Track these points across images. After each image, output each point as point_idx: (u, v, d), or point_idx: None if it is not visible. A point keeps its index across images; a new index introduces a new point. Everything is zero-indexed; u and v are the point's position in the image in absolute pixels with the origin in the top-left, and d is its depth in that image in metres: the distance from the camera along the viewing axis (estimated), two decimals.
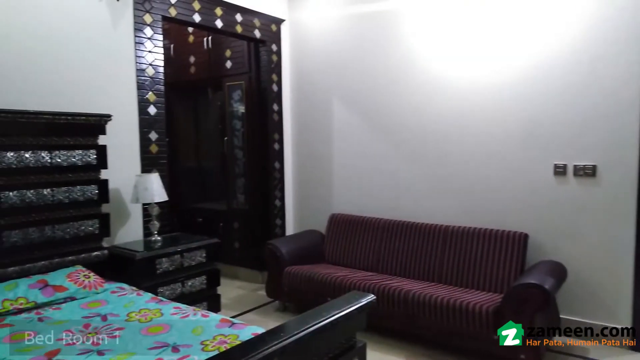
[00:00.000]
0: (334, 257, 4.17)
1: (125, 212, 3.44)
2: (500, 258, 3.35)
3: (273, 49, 4.62)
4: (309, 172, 4.77)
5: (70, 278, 2.72)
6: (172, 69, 4.96)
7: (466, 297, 3.11)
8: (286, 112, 4.80)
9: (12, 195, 2.71)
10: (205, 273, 3.44)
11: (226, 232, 4.95)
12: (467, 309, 2.93)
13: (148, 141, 3.56)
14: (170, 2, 3.65)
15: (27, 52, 2.88)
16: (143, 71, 3.49)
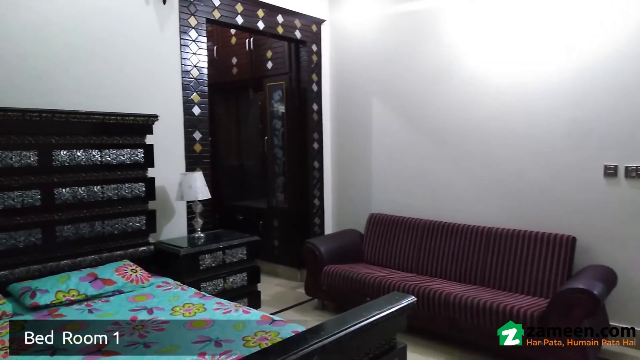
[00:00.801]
0: (372, 257, 4.15)
1: (170, 209, 3.55)
2: (546, 261, 3.24)
3: (313, 49, 4.64)
4: (348, 172, 4.77)
5: (119, 272, 2.83)
6: (215, 70, 5.07)
7: (510, 301, 3.02)
8: (325, 111, 4.82)
9: (65, 191, 2.86)
10: (246, 270, 3.50)
11: (266, 230, 5.02)
12: (511, 313, 2.85)
13: (192, 140, 3.66)
14: (214, 4, 3.73)
15: (77, 53, 3.02)
16: (188, 73, 3.59)
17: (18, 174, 2.66)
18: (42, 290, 2.51)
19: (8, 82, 2.73)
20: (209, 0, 3.70)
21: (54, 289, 2.55)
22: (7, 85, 2.72)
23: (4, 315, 2.32)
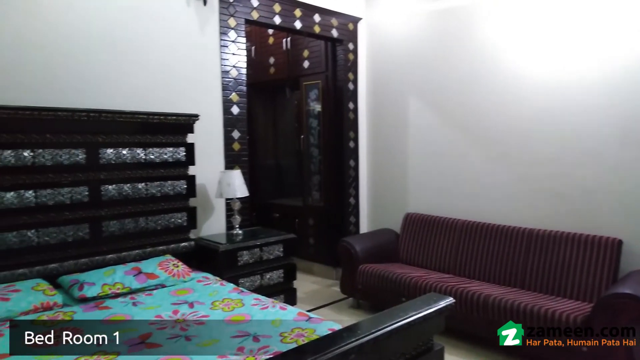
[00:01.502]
0: (408, 257, 4.12)
1: (209, 206, 3.64)
2: (590, 265, 3.13)
3: (350, 48, 4.64)
4: (384, 171, 4.74)
5: (161, 266, 2.92)
6: (253, 70, 5.15)
7: (551, 304, 2.93)
8: (361, 110, 4.81)
9: (111, 188, 2.98)
10: (283, 267, 3.55)
11: (301, 228, 5.06)
12: (553, 317, 2.77)
13: (231, 139, 3.73)
14: (252, 5, 3.79)
15: (121, 55, 3.13)
16: (227, 73, 3.67)
17: (67, 171, 2.79)
18: (90, 283, 2.62)
19: (58, 83, 2.87)
20: (247, 1, 3.76)
21: (100, 282, 2.66)
22: (57, 86, 2.86)
23: (55, 305, 2.44)
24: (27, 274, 2.66)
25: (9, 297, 2.35)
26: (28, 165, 2.64)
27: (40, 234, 2.70)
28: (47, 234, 2.73)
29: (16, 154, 2.60)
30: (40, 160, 2.68)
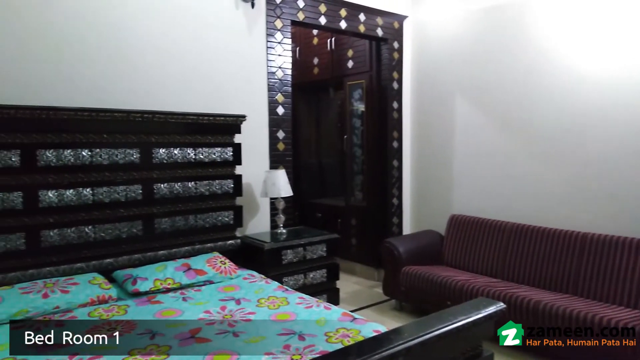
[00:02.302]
0: (453, 260, 4.04)
1: (255, 205, 3.71)
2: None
3: (395, 47, 4.60)
4: (428, 171, 4.67)
5: (209, 263, 3.00)
6: (297, 71, 5.19)
7: (606, 312, 2.80)
8: (406, 110, 4.76)
9: (163, 187, 3.08)
10: (326, 267, 3.56)
11: (344, 228, 5.06)
12: (609, 325, 2.64)
13: (276, 139, 3.78)
14: (298, 6, 3.83)
15: (170, 57, 3.23)
16: (273, 74, 3.72)
17: (122, 170, 2.92)
18: (142, 278, 2.73)
19: (112, 85, 2.99)
20: (293, 3, 3.80)
21: (152, 277, 2.76)
22: (112, 88, 2.99)
23: (110, 299, 2.56)
24: (84, 268, 2.79)
25: (68, 290, 2.48)
26: (86, 164, 2.78)
27: (96, 230, 2.84)
28: (103, 230, 2.86)
29: (75, 153, 2.74)
30: (97, 159, 2.81)
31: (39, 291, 2.41)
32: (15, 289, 2.42)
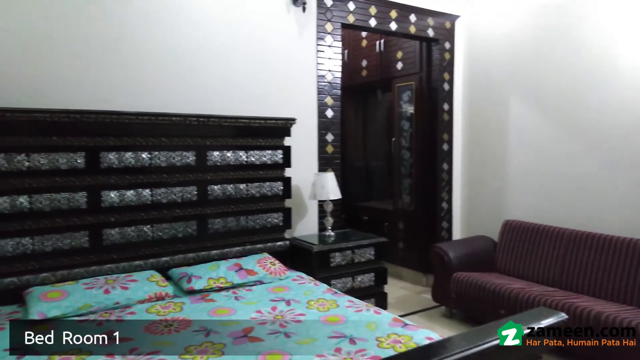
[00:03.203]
0: (507, 267, 3.91)
1: (303, 207, 3.74)
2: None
3: (446, 47, 4.51)
4: (480, 175, 4.55)
5: (260, 264, 3.05)
6: (345, 73, 5.19)
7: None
8: (457, 111, 4.66)
9: (217, 188, 3.17)
10: (374, 270, 3.54)
11: (391, 232, 5.00)
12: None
13: (325, 142, 3.80)
14: (348, 9, 3.83)
15: (223, 62, 3.30)
16: (323, 77, 3.74)
17: (179, 172, 3.02)
18: (197, 277, 2.81)
19: (169, 90, 3.10)
20: (344, 5, 3.80)
21: (206, 275, 2.83)
22: (169, 92, 3.10)
23: (166, 296, 2.65)
24: (142, 266, 2.91)
25: (128, 286, 2.59)
26: (145, 166, 2.90)
27: (154, 229, 2.95)
28: (160, 230, 2.97)
29: (135, 155, 2.86)
30: (156, 161, 2.92)
31: (100, 287, 2.54)
32: (80, 285, 2.56)
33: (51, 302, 2.35)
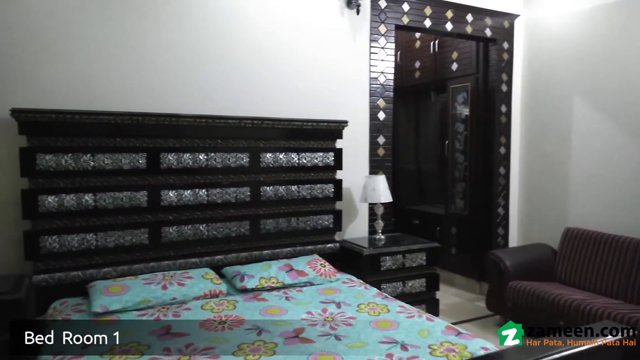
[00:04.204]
0: (567, 277, 3.71)
1: (354, 210, 3.72)
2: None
3: (504, 47, 4.36)
4: (540, 180, 4.35)
5: (310, 265, 3.07)
6: (398, 75, 5.13)
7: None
8: (515, 113, 4.48)
9: (269, 189, 3.21)
10: (425, 276, 3.47)
11: (443, 237, 4.89)
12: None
13: (376, 145, 3.77)
14: (403, 10, 3.79)
15: (277, 65, 3.35)
16: (375, 79, 3.71)
17: (233, 173, 3.10)
18: (249, 276, 2.86)
19: (224, 93, 3.18)
20: (398, 7, 3.76)
21: (258, 275, 2.88)
22: (224, 95, 3.18)
23: (220, 294, 2.71)
24: (198, 263, 3.00)
25: (184, 283, 2.68)
26: (202, 167, 2.99)
27: (209, 228, 3.04)
28: (215, 229, 3.06)
29: (193, 157, 2.96)
30: (212, 162, 3.01)
31: (158, 283, 2.63)
32: (139, 280, 2.67)
33: (112, 295, 2.47)
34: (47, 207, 2.61)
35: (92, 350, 1.99)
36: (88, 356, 1.94)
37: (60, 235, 2.66)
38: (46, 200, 2.61)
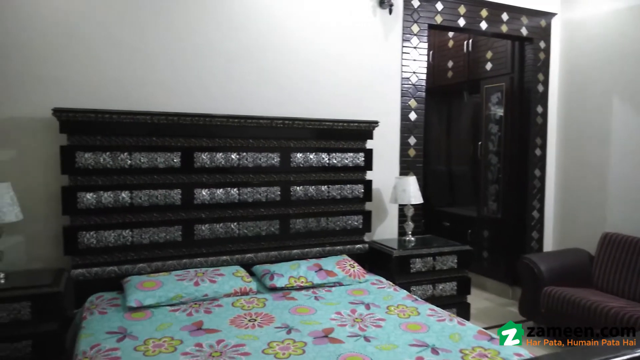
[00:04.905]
0: (604, 284, 3.58)
1: (383, 211, 3.70)
2: None
3: (540, 47, 4.24)
4: (577, 183, 4.22)
5: (339, 265, 3.06)
6: (430, 75, 5.07)
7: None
8: (551, 114, 4.36)
9: (299, 189, 3.23)
10: (456, 279, 3.41)
11: (474, 240, 4.80)
12: None
13: (407, 145, 3.74)
14: (436, 9, 3.74)
15: (307, 66, 3.36)
16: (407, 79, 3.68)
17: (264, 172, 3.13)
18: (279, 274, 2.88)
19: (255, 93, 3.21)
20: (432, 6, 3.72)
21: (287, 274, 2.90)
22: (255, 95, 3.21)
23: (250, 291, 2.74)
24: (229, 261, 3.04)
25: (215, 280, 2.72)
26: (234, 166, 3.03)
27: (240, 227, 3.08)
28: (246, 227, 3.09)
29: (226, 156, 3.00)
30: (243, 162, 3.05)
31: (191, 279, 2.68)
32: (172, 276, 2.72)
33: (147, 291, 2.53)
34: (85, 204, 2.70)
35: (126, 344, 2.05)
36: (123, 349, 1.99)
37: (98, 231, 2.75)
38: (85, 197, 2.70)
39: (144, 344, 2.06)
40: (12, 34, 2.64)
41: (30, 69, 2.69)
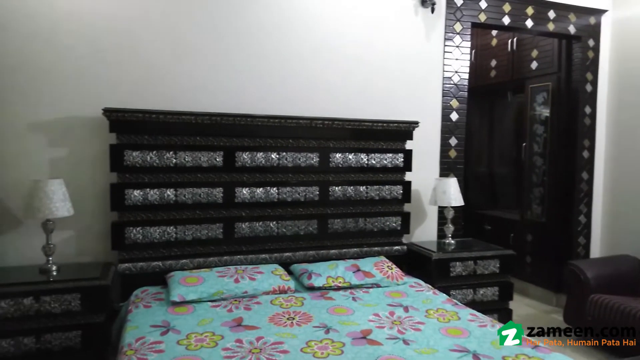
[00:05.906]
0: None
1: (422, 212, 3.65)
2: None
3: (589, 45, 4.08)
4: (627, 187, 4.03)
5: (377, 267, 3.04)
6: (472, 74, 4.96)
7: None
8: (600, 115, 4.19)
9: (337, 189, 3.23)
10: (498, 284, 3.33)
11: (517, 244, 4.65)
12: None
13: (447, 146, 3.67)
14: (480, 7, 3.66)
15: (348, 66, 3.36)
16: (449, 79, 3.62)
17: (303, 172, 3.15)
18: (317, 274, 2.89)
19: (295, 93, 3.25)
20: (475, 4, 3.64)
21: (325, 274, 2.90)
22: (295, 95, 3.24)
23: (288, 290, 2.76)
24: (267, 259, 3.08)
25: (255, 278, 2.75)
26: (274, 165, 3.07)
27: (279, 226, 3.11)
28: (285, 226, 3.12)
29: (266, 155, 3.04)
30: (283, 162, 3.08)
31: (231, 276, 2.73)
32: (213, 272, 2.78)
33: (189, 286, 2.59)
34: (132, 201, 2.80)
35: (170, 338, 2.11)
36: (167, 343, 2.05)
37: (144, 227, 2.84)
38: (132, 194, 2.80)
39: (186, 338, 2.11)
40: (67, 38, 2.77)
41: (83, 71, 2.81)
